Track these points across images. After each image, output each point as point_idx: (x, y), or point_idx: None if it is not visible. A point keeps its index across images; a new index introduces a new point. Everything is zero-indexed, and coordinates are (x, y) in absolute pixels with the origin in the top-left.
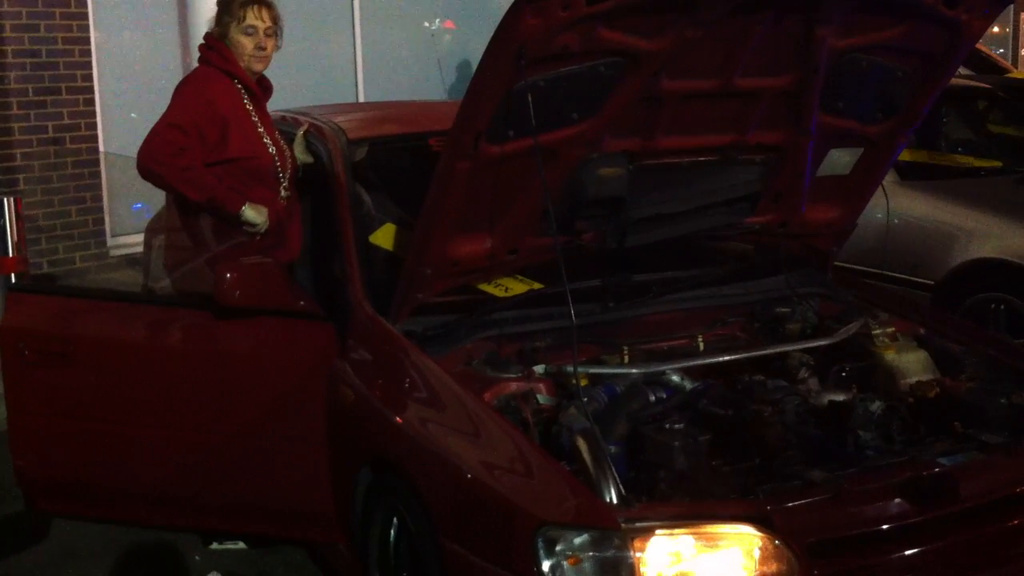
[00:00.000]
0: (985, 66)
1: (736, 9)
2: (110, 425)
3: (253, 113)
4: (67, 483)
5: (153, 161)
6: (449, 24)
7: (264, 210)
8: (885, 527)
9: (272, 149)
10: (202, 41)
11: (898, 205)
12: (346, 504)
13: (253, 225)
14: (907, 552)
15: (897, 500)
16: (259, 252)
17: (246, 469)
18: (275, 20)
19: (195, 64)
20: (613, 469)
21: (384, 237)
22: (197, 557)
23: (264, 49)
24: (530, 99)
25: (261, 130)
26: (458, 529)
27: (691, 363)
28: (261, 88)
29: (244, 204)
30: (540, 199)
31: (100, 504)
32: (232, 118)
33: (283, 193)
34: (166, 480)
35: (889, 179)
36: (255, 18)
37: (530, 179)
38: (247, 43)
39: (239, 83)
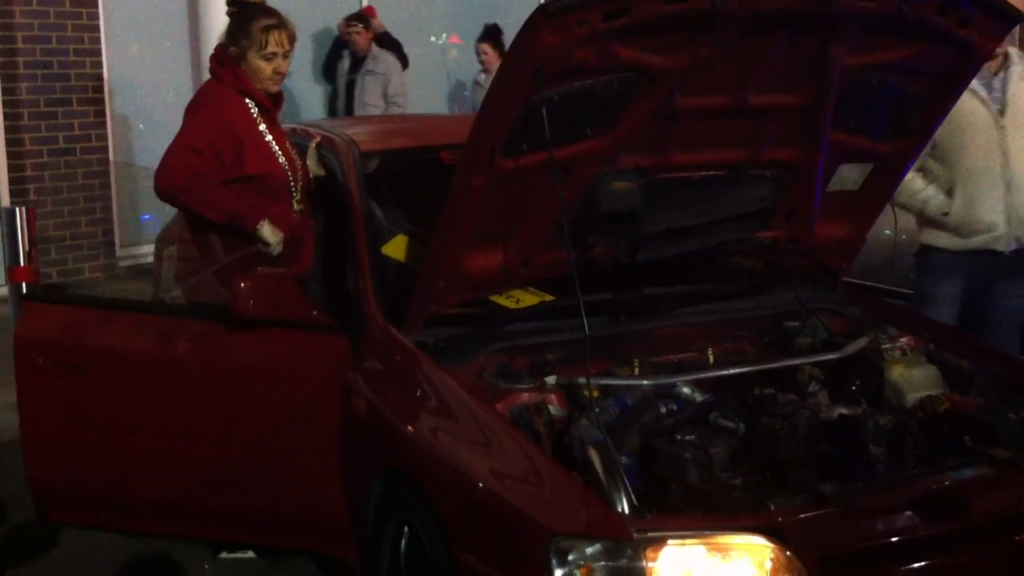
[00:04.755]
0: None
1: (751, 29)
2: (122, 435)
3: (265, 129)
4: (79, 493)
5: (170, 184)
6: (456, 39)
7: (280, 233)
8: (895, 541)
9: (284, 162)
10: (213, 53)
11: (906, 222)
12: (358, 516)
13: (267, 245)
14: (916, 566)
15: (907, 514)
16: (272, 263)
17: (259, 480)
18: (292, 41)
19: (206, 76)
20: (626, 480)
21: (396, 248)
22: (206, 566)
23: (282, 73)
24: (545, 114)
25: (274, 145)
26: (471, 540)
27: (702, 375)
28: (272, 100)
29: (262, 221)
30: (554, 214)
31: (111, 514)
32: (247, 136)
33: (296, 206)
34: (178, 491)
35: None
36: (276, 44)
37: (544, 194)
38: (266, 68)
39: (251, 100)
